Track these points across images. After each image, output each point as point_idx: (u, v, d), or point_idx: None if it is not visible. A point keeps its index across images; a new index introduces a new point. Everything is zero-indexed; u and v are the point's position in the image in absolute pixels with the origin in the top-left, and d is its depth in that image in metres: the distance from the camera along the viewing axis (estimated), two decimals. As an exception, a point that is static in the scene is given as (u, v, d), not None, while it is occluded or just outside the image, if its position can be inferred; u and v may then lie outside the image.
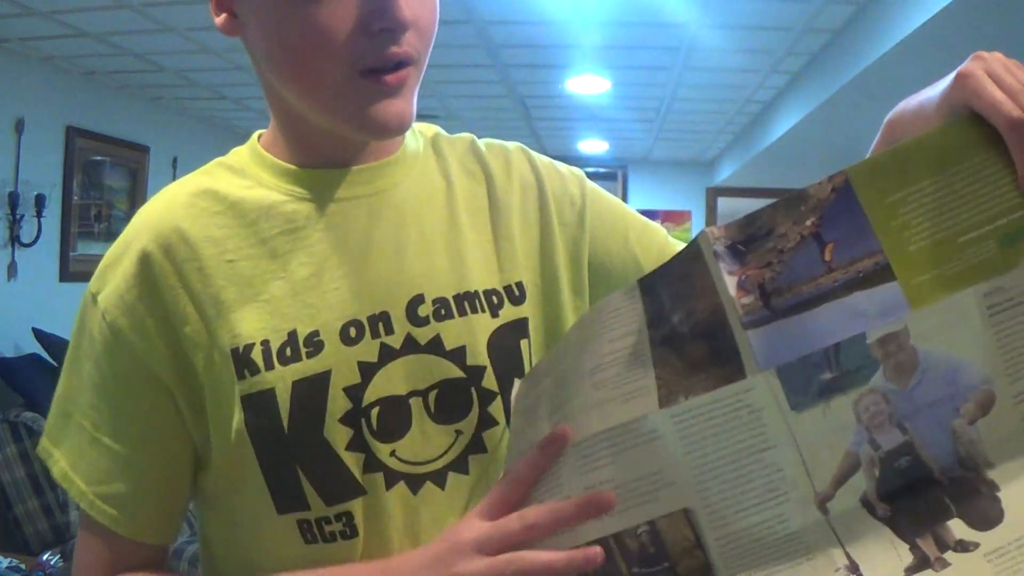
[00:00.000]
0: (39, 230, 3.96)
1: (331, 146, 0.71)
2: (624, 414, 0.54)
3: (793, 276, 0.55)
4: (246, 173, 0.72)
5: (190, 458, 0.70)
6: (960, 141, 0.56)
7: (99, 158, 4.46)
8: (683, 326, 0.55)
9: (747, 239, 0.56)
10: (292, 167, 0.72)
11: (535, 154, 0.82)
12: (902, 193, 0.55)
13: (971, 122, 0.56)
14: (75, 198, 4.26)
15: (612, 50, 3.92)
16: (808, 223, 0.56)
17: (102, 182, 4.50)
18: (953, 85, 0.58)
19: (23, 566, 2.56)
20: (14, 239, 3.84)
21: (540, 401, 0.58)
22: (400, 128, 0.67)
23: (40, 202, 3.92)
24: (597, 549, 0.55)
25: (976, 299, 0.54)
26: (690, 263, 0.56)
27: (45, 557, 2.62)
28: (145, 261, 0.67)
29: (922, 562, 0.54)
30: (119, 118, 4.58)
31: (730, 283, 0.55)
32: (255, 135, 0.76)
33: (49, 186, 3.99)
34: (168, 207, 0.70)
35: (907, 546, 0.54)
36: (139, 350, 0.66)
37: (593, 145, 6.94)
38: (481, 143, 0.81)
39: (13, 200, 3.79)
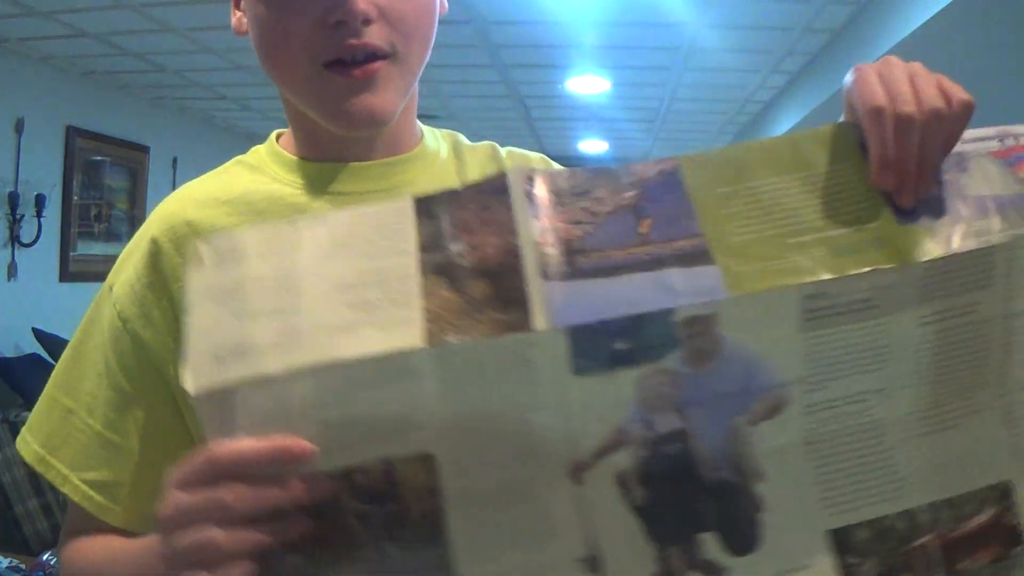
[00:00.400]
0: (39, 230, 3.96)
1: (339, 141, 0.71)
2: (380, 344, 0.47)
3: (603, 240, 0.50)
4: (263, 170, 0.73)
5: (186, 455, 0.70)
6: (811, 149, 0.55)
7: (99, 158, 4.46)
8: (464, 259, 0.49)
9: (560, 191, 0.52)
10: (305, 161, 0.72)
11: (556, 165, 0.83)
12: (734, 187, 0.53)
13: (833, 132, 0.55)
14: (75, 198, 4.26)
15: (612, 50, 3.92)
16: (627, 195, 0.52)
17: (102, 182, 4.50)
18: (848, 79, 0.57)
19: (23, 566, 2.56)
20: (14, 239, 3.84)
21: (239, 289, 0.49)
22: (372, 122, 0.66)
23: (40, 202, 3.92)
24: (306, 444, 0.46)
25: (797, 299, 0.50)
26: (490, 195, 0.51)
27: (45, 557, 2.62)
28: (155, 252, 0.68)
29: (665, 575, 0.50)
30: (119, 118, 4.58)
31: (535, 228, 0.50)
32: (274, 134, 0.77)
33: (49, 186, 3.99)
34: (180, 202, 0.71)
35: (655, 552, 0.49)
36: (145, 340, 0.67)
37: (593, 145, 6.94)
38: (502, 151, 0.81)
39: (13, 200, 3.79)
